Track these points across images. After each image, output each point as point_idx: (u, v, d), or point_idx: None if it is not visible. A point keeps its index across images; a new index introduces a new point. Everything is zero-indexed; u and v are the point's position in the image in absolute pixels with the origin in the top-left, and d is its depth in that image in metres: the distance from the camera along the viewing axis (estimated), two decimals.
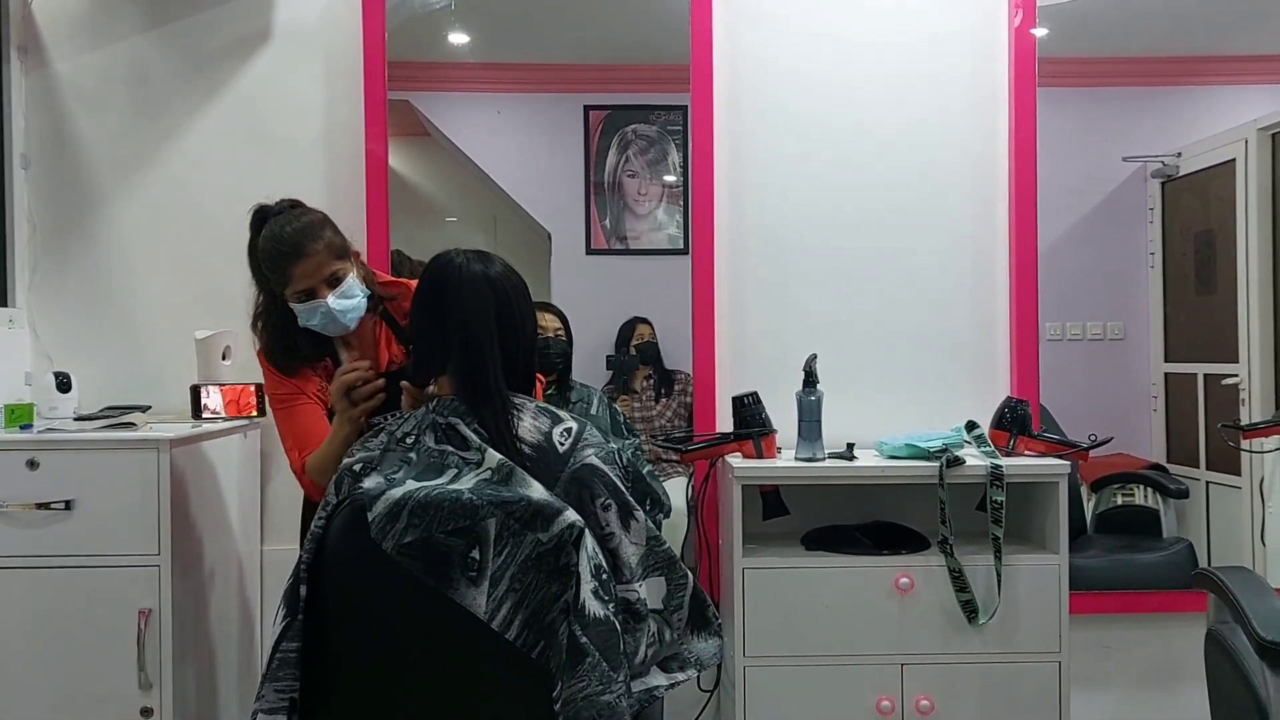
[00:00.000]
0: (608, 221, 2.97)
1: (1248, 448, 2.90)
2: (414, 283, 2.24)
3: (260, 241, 2.13)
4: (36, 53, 2.82)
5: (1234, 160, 2.96)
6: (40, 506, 2.25)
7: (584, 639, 1.62)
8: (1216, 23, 2.99)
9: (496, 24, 2.96)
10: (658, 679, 1.76)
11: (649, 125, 2.95)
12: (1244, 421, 2.90)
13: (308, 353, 2.18)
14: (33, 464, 2.26)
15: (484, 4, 2.87)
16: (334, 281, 2.11)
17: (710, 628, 1.84)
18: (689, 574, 1.83)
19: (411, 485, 1.68)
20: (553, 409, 1.87)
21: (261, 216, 2.16)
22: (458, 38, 2.97)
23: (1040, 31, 2.83)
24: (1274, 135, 2.92)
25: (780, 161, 2.87)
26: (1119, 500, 2.99)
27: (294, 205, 2.19)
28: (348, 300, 2.12)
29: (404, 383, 1.97)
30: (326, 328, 2.14)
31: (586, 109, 2.96)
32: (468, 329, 1.83)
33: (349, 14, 2.81)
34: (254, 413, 2.70)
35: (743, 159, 2.86)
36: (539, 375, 2.29)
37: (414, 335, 1.95)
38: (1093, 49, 3.01)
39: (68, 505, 2.26)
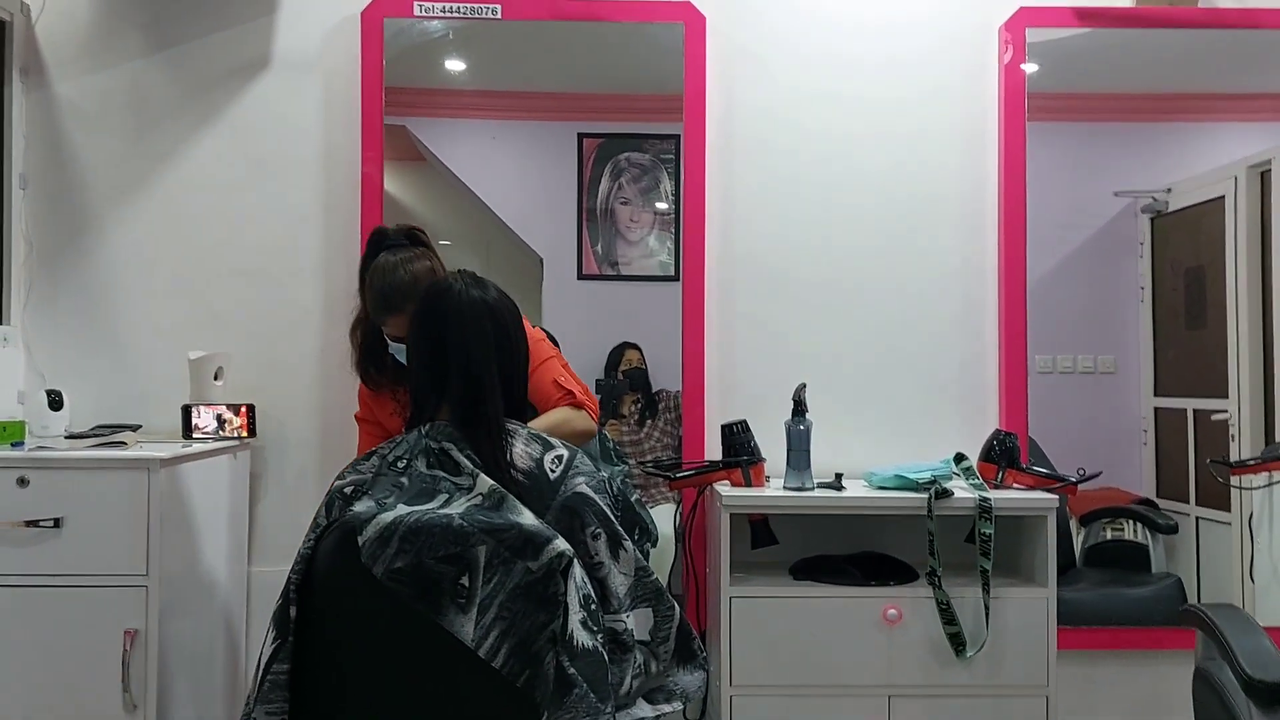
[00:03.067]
0: (599, 247, 2.98)
1: (1237, 484, 2.90)
2: None
3: (369, 274, 2.22)
4: (38, 74, 2.83)
5: (1224, 197, 2.98)
6: (29, 524, 2.25)
7: (572, 670, 1.62)
8: (1207, 60, 3.02)
9: (493, 52, 2.98)
10: (643, 710, 1.76)
11: (642, 153, 2.97)
12: (1233, 458, 2.91)
13: (394, 376, 2.29)
14: (23, 481, 2.26)
15: (481, 32, 2.89)
16: None
17: (696, 660, 1.84)
18: (676, 606, 1.83)
19: (403, 510, 1.68)
20: (544, 435, 1.88)
21: (378, 240, 2.25)
22: (455, 65, 2.99)
23: (1030, 67, 2.86)
24: (1263, 173, 2.94)
25: (771, 192, 2.89)
26: (1108, 535, 2.99)
27: (410, 237, 2.25)
28: None
29: None
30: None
31: (580, 136, 2.98)
32: (469, 355, 1.84)
33: (348, 41, 2.83)
34: (245, 434, 2.71)
35: (734, 189, 2.88)
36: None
37: (413, 362, 1.95)
38: (1083, 85, 3.04)
39: (57, 523, 2.26)
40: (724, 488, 2.54)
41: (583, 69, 3.05)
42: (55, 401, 2.65)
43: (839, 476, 2.58)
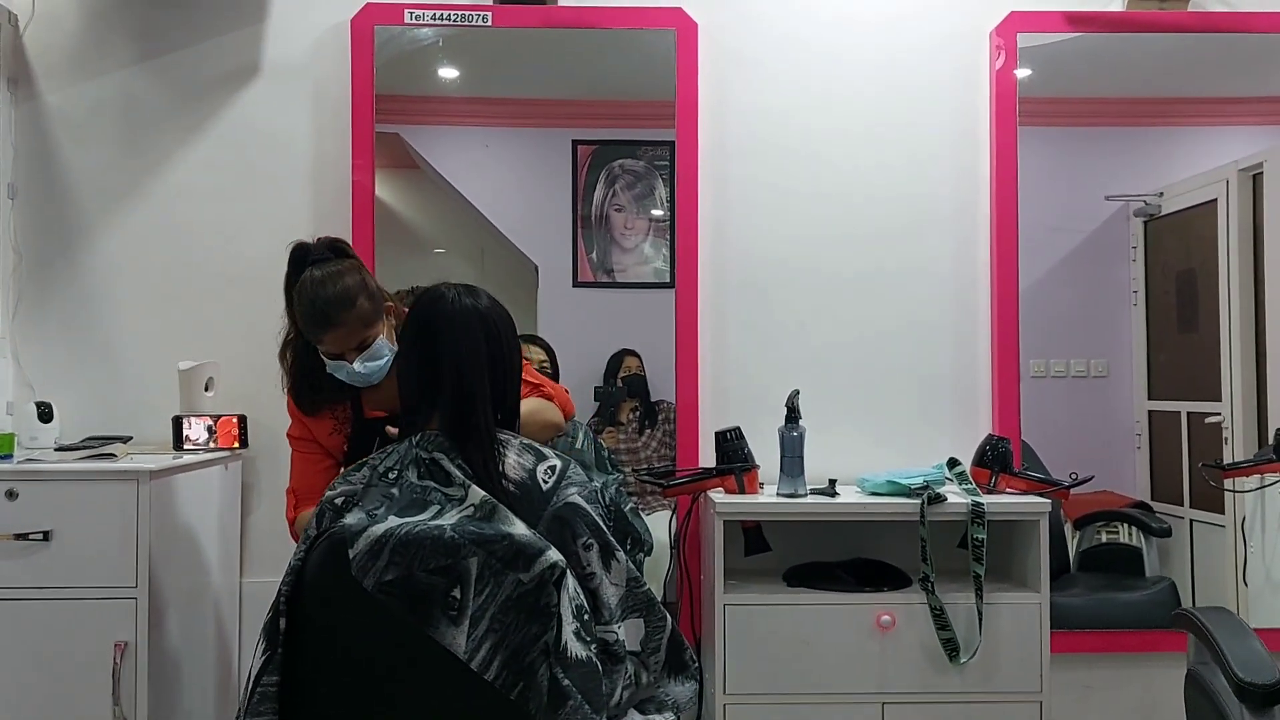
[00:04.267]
0: (594, 255, 2.98)
1: (1230, 487, 2.90)
2: None
3: (296, 292, 2.11)
4: (26, 83, 2.82)
5: (1215, 200, 2.98)
6: (18, 537, 2.24)
7: (565, 681, 1.61)
8: (1197, 64, 3.02)
9: (485, 59, 2.98)
10: None
11: (636, 160, 2.97)
12: (1226, 460, 2.91)
13: (331, 395, 2.20)
14: (11, 494, 2.25)
15: (472, 40, 2.89)
16: (362, 346, 2.11)
17: (687, 671, 1.83)
18: (667, 616, 1.82)
19: (393, 522, 1.67)
20: (537, 445, 1.87)
21: (300, 256, 2.13)
22: (447, 72, 2.99)
23: (1022, 72, 2.86)
24: (1254, 176, 2.95)
25: (764, 199, 2.89)
26: (1102, 538, 2.99)
27: (334, 248, 2.15)
28: (373, 362, 2.11)
29: (388, 428, 1.96)
30: (351, 382, 2.15)
31: (574, 143, 2.98)
32: (460, 365, 1.83)
33: (338, 49, 2.83)
34: (236, 444, 2.70)
35: (728, 194, 2.88)
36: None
37: (403, 371, 1.94)
38: (1074, 89, 3.04)
39: (46, 536, 2.25)
40: (718, 495, 2.53)
41: (575, 76, 3.05)
42: (44, 413, 2.65)
43: (832, 482, 2.58)
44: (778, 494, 2.53)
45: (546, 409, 2.18)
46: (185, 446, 2.62)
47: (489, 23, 2.81)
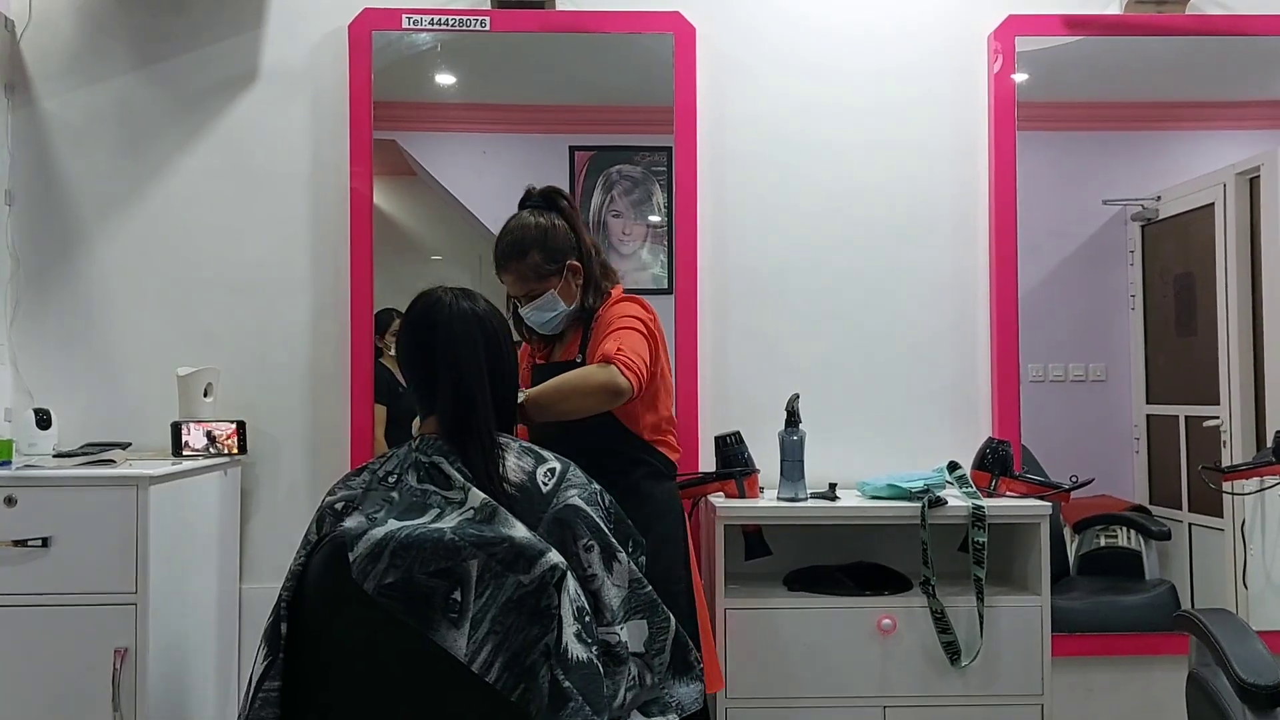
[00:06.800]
0: None
1: (1229, 490, 2.91)
2: (617, 290, 2.33)
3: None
4: (24, 89, 2.83)
5: (1213, 204, 2.99)
6: (17, 544, 2.24)
7: (566, 683, 1.61)
8: (1195, 68, 3.03)
9: (483, 65, 2.98)
10: None
11: (634, 166, 2.97)
12: (1225, 463, 2.91)
13: (531, 335, 2.37)
14: (10, 501, 2.25)
15: (470, 45, 2.89)
16: (531, 296, 2.26)
17: (692, 672, 1.83)
18: (671, 617, 1.82)
19: (393, 525, 1.67)
20: (536, 448, 1.87)
21: (523, 198, 2.32)
22: (444, 79, 2.99)
23: (1020, 77, 2.87)
24: (1251, 180, 2.95)
25: (762, 203, 2.89)
26: (1102, 542, 2.99)
27: (547, 196, 2.30)
28: (540, 314, 2.27)
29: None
30: (527, 323, 2.31)
31: (572, 149, 2.98)
32: (458, 368, 1.83)
33: (336, 55, 2.83)
34: (235, 450, 2.69)
35: (726, 200, 2.88)
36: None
37: (404, 375, 1.94)
38: (1072, 94, 3.05)
39: (45, 543, 2.24)
40: (718, 499, 2.53)
41: (573, 81, 3.05)
42: (43, 420, 2.64)
43: (833, 486, 2.58)
44: (778, 498, 2.52)
45: (597, 372, 2.08)
46: (184, 453, 2.62)
47: (487, 27, 2.82)
